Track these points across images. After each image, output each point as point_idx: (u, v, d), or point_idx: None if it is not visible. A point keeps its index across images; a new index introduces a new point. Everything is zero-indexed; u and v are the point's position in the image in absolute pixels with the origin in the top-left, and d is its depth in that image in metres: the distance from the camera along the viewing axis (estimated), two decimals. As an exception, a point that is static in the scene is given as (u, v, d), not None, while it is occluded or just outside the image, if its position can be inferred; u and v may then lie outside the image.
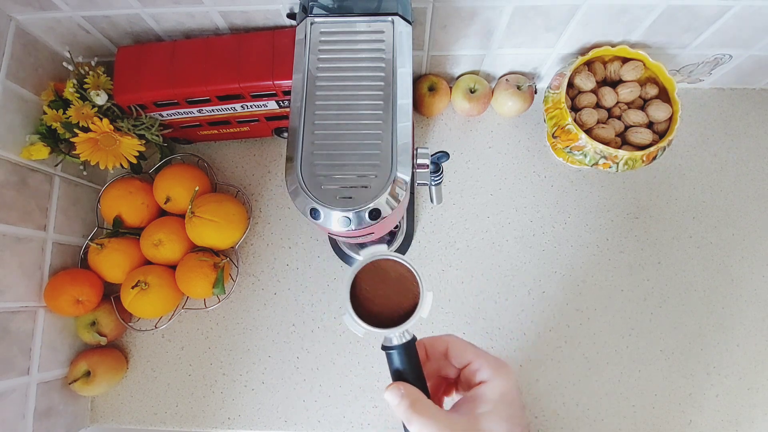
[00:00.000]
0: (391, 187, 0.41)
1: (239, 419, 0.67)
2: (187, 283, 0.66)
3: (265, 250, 0.73)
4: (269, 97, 0.63)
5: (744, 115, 0.77)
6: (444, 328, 0.69)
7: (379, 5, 0.47)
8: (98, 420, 0.68)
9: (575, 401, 0.66)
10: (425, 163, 0.46)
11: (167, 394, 0.69)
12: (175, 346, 0.70)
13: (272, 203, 0.75)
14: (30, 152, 0.60)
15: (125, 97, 0.62)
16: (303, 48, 0.46)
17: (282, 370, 0.69)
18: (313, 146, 0.42)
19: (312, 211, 0.41)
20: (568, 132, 0.63)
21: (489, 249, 0.72)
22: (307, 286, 0.72)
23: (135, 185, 0.69)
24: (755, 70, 0.73)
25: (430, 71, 0.75)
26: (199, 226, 0.65)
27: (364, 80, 0.44)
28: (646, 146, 0.63)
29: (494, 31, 0.64)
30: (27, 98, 0.61)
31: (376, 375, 0.68)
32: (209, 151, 0.77)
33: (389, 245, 0.69)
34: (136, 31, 0.64)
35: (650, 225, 0.72)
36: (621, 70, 0.66)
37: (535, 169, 0.75)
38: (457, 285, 0.71)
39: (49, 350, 0.63)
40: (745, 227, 0.72)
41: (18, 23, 0.60)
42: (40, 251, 0.63)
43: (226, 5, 0.59)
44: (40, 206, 0.63)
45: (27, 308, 0.61)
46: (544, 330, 0.68)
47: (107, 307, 0.67)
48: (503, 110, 0.75)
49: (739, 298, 0.69)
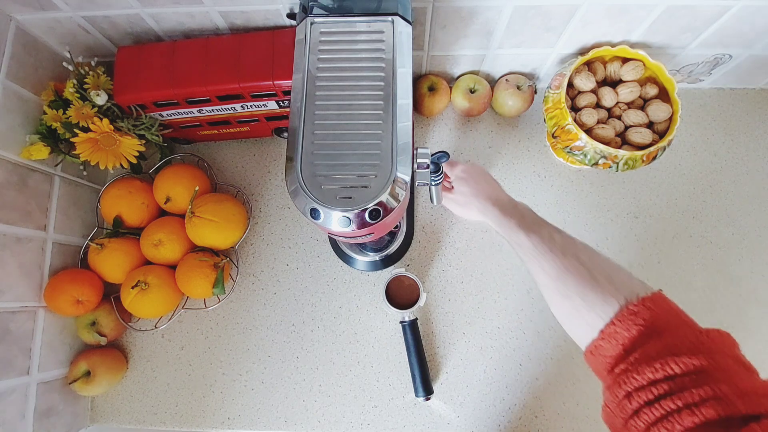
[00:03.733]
0: (391, 187, 0.41)
1: (239, 419, 0.67)
2: (187, 283, 0.66)
3: (265, 250, 0.73)
4: (269, 97, 0.63)
5: (744, 115, 0.77)
6: (444, 327, 0.69)
7: (379, 5, 0.47)
8: (98, 420, 0.68)
9: (575, 401, 0.66)
10: (425, 163, 0.46)
11: (167, 394, 0.69)
12: (175, 346, 0.70)
13: (272, 203, 0.75)
14: (30, 152, 0.60)
15: (125, 97, 0.62)
16: (303, 48, 0.46)
17: (282, 370, 0.69)
18: (313, 146, 0.42)
19: (312, 211, 0.41)
20: (568, 132, 0.63)
21: (489, 249, 0.72)
22: (307, 286, 0.72)
23: (135, 185, 0.69)
24: (755, 70, 0.73)
25: (430, 71, 0.75)
26: (199, 226, 0.65)
27: (364, 80, 0.44)
28: (646, 146, 0.63)
29: (494, 31, 0.64)
30: (27, 98, 0.61)
31: (376, 375, 0.68)
32: (209, 151, 0.77)
33: (389, 245, 0.69)
34: (136, 31, 0.64)
35: (650, 224, 0.72)
36: (621, 70, 0.66)
37: (535, 169, 0.75)
38: (457, 285, 0.71)
39: (49, 350, 0.63)
40: (745, 227, 0.72)
41: (18, 23, 0.60)
42: (40, 251, 0.63)
43: (226, 5, 0.59)
44: (40, 206, 0.63)
45: (27, 308, 0.61)
46: (544, 329, 0.68)
47: (107, 307, 0.67)
48: (503, 110, 0.75)
49: (739, 298, 0.69)
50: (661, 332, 0.35)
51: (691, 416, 0.29)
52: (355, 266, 0.71)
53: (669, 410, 0.30)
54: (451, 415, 0.66)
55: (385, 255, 0.70)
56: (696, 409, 0.29)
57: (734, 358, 0.33)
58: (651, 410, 0.31)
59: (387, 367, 0.68)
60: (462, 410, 0.66)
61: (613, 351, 0.37)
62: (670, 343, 0.33)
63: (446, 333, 0.69)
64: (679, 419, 0.29)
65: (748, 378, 0.31)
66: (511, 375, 0.67)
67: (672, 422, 0.30)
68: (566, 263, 0.42)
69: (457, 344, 0.68)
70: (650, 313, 0.36)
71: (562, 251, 0.43)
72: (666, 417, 0.30)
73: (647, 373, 0.32)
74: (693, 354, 0.32)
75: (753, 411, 0.28)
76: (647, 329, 0.35)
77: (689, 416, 0.29)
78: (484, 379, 0.67)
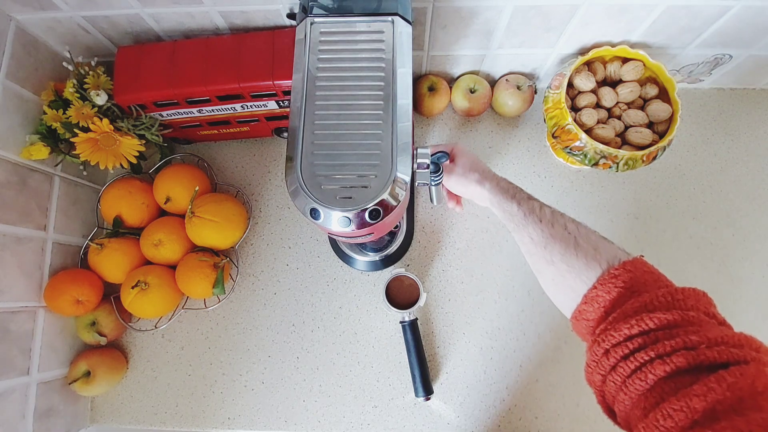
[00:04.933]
0: (391, 187, 0.41)
1: (239, 419, 0.67)
2: (187, 283, 0.66)
3: (265, 250, 0.73)
4: (269, 97, 0.63)
5: (744, 115, 0.77)
6: (444, 327, 0.69)
7: (379, 5, 0.47)
8: (98, 420, 0.68)
9: (575, 401, 0.66)
10: (425, 163, 0.46)
11: (167, 394, 0.69)
12: (175, 346, 0.70)
13: (272, 203, 0.75)
14: (30, 152, 0.60)
15: (125, 97, 0.62)
16: (303, 48, 0.46)
17: (282, 370, 0.69)
18: (313, 146, 0.42)
19: (312, 211, 0.41)
20: (568, 132, 0.63)
21: (489, 249, 0.72)
22: (307, 286, 0.72)
23: (135, 185, 0.69)
24: (755, 70, 0.73)
25: (430, 71, 0.75)
26: (199, 226, 0.65)
27: (364, 80, 0.44)
28: (646, 146, 0.63)
29: (494, 31, 0.64)
30: (27, 98, 0.61)
31: (376, 375, 0.68)
32: (209, 151, 0.77)
33: (389, 245, 0.69)
34: (136, 31, 0.64)
35: (650, 225, 0.72)
36: (621, 70, 0.66)
37: (535, 169, 0.75)
38: (457, 285, 0.71)
39: (49, 350, 0.63)
40: (745, 227, 0.72)
41: (18, 23, 0.60)
42: (40, 251, 0.63)
43: (226, 5, 0.59)
44: (40, 206, 0.63)
45: (27, 308, 0.61)
46: (544, 330, 0.68)
47: (107, 307, 0.67)
48: (503, 110, 0.75)
49: (739, 298, 0.69)
50: (639, 292, 0.36)
51: (663, 365, 0.30)
52: (355, 266, 0.71)
53: (642, 362, 0.32)
54: (451, 415, 0.66)
55: (385, 255, 0.70)
56: (667, 359, 0.30)
57: (708, 314, 0.34)
58: (626, 363, 0.32)
59: (387, 367, 0.68)
60: (462, 410, 0.66)
61: (595, 314, 0.38)
62: (647, 301, 0.34)
63: (446, 333, 0.69)
64: (652, 369, 0.31)
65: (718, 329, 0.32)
66: (511, 376, 0.67)
67: (645, 372, 0.31)
68: (553, 232, 0.43)
69: (457, 344, 0.68)
70: (630, 275, 0.37)
71: (551, 221, 0.45)
72: (639, 368, 0.32)
73: (623, 329, 0.34)
74: (667, 310, 0.33)
75: (722, 359, 0.29)
76: (626, 291, 0.36)
77: (661, 365, 0.30)
78: (485, 379, 0.67)
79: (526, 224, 0.46)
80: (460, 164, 0.56)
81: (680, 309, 0.33)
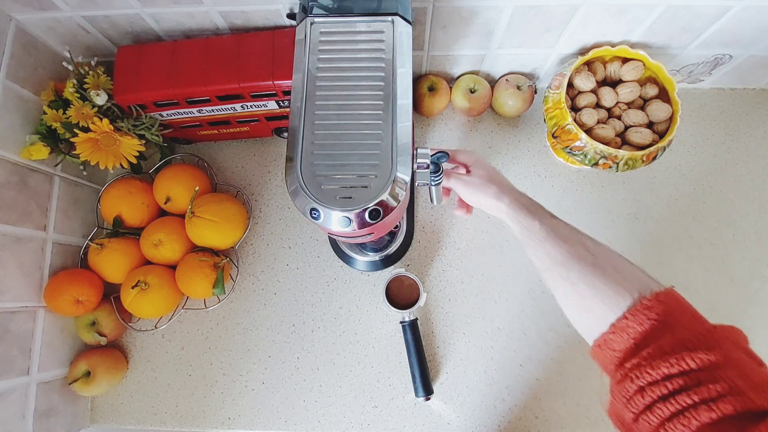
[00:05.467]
0: (391, 187, 0.41)
1: (239, 419, 0.67)
2: (187, 283, 0.66)
3: (265, 250, 0.73)
4: (269, 97, 0.63)
5: (744, 115, 0.77)
6: (444, 327, 0.69)
7: (379, 5, 0.47)
8: (98, 420, 0.68)
9: (575, 401, 0.66)
10: (425, 163, 0.46)
11: (167, 394, 0.69)
12: (175, 346, 0.70)
13: (272, 203, 0.75)
14: (30, 152, 0.60)
15: (125, 97, 0.62)
16: (303, 48, 0.46)
17: (282, 370, 0.69)
18: (313, 146, 0.42)
19: (312, 211, 0.41)
20: (568, 132, 0.63)
21: (489, 249, 0.72)
22: (307, 286, 0.72)
23: (135, 185, 0.69)
24: (755, 70, 0.73)
25: (430, 71, 0.75)
26: (199, 226, 0.65)
27: (364, 80, 0.44)
28: (646, 146, 0.63)
29: (494, 31, 0.64)
30: (27, 98, 0.61)
31: (376, 375, 0.68)
32: (209, 151, 0.77)
33: (389, 245, 0.69)
34: (136, 31, 0.64)
35: (650, 225, 0.72)
36: (621, 70, 0.66)
37: (535, 169, 0.75)
38: (457, 285, 0.71)
39: (49, 350, 0.63)
40: (745, 227, 0.72)
41: (18, 23, 0.60)
42: (40, 251, 0.63)
43: (226, 5, 0.59)
44: (40, 206, 0.63)
45: (27, 308, 0.61)
46: (545, 331, 0.68)
47: (107, 307, 0.67)
48: (503, 110, 0.75)
49: (739, 298, 0.69)
50: (674, 327, 0.34)
51: (708, 412, 0.29)
52: (355, 266, 0.71)
53: (685, 405, 0.30)
54: (451, 415, 0.66)
55: (385, 255, 0.70)
56: (713, 405, 0.29)
57: (746, 353, 0.33)
58: (666, 405, 0.31)
59: (387, 367, 0.68)
60: (462, 410, 0.66)
61: (624, 345, 0.36)
62: (684, 339, 0.33)
63: (446, 333, 0.69)
64: (696, 414, 0.29)
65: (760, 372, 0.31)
66: (511, 376, 0.67)
67: (688, 417, 0.29)
68: (572, 250, 0.42)
69: (457, 344, 0.68)
70: (663, 307, 0.35)
71: (569, 238, 0.44)
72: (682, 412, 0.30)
73: (662, 367, 0.32)
74: (708, 349, 0.32)
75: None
76: (659, 324, 0.35)
77: (706, 412, 0.29)
78: (485, 379, 0.67)
79: (542, 240, 0.45)
80: (478, 176, 0.54)
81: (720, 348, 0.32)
